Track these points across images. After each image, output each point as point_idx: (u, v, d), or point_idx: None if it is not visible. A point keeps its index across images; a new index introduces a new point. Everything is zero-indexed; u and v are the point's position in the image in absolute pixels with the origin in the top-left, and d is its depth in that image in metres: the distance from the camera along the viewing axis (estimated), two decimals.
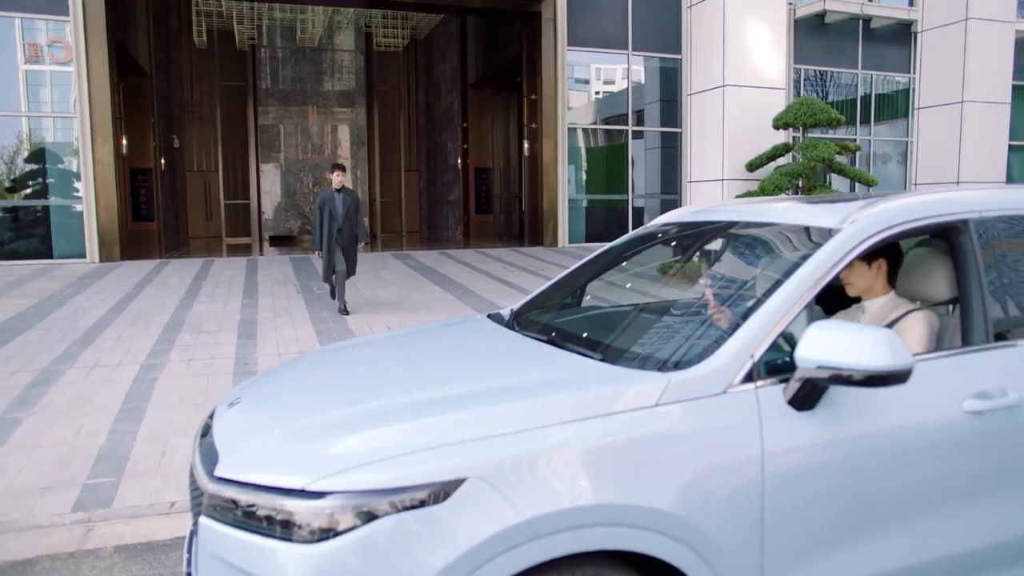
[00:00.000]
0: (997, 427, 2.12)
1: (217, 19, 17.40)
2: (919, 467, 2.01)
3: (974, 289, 2.26)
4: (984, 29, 12.62)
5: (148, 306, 8.84)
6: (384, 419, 1.84)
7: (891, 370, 1.77)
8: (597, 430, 1.74)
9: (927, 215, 2.26)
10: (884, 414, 1.98)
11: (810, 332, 1.85)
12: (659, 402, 1.81)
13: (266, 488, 1.71)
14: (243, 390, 2.44)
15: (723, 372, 1.87)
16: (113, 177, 12.81)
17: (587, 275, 3.11)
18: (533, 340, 2.39)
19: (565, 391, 1.86)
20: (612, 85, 16.25)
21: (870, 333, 1.80)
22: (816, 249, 2.11)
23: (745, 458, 1.81)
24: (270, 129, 21.19)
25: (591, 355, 2.14)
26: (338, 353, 2.69)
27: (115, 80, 13.39)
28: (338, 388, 2.19)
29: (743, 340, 1.91)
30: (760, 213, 2.63)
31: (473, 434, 1.71)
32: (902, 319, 2.45)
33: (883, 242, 2.18)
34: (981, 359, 2.19)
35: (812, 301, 2.01)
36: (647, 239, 3.07)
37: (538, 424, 1.73)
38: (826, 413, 1.91)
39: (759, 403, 1.87)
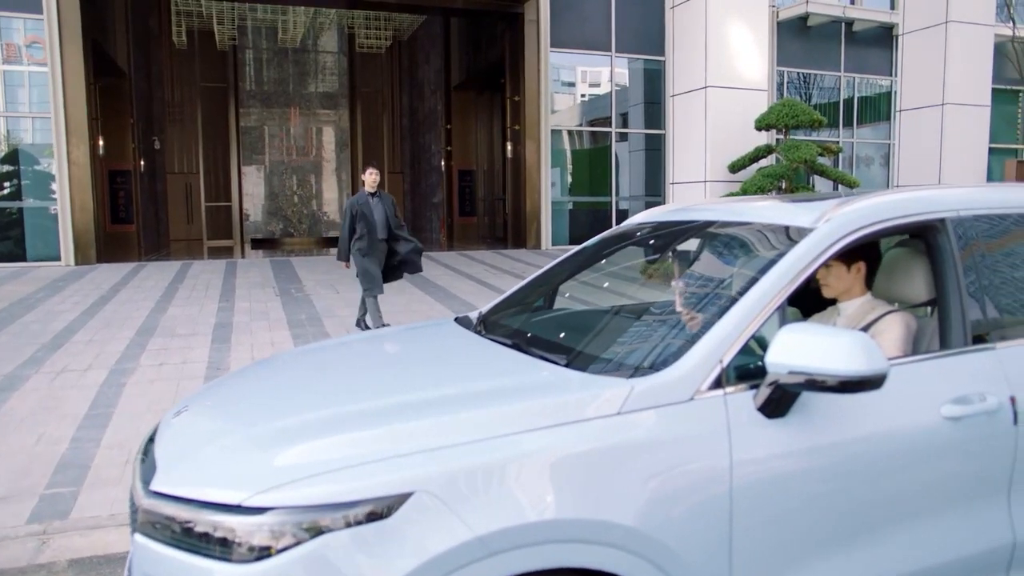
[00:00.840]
0: (976, 433, 2.04)
1: (197, 19, 17.19)
2: (895, 476, 1.93)
3: (952, 290, 2.19)
4: (964, 32, 12.68)
5: (122, 310, 8.66)
6: (333, 429, 1.73)
7: (865, 375, 1.68)
8: (556, 440, 1.65)
9: (903, 214, 2.19)
10: (859, 421, 1.90)
11: (781, 336, 1.77)
12: (622, 410, 1.71)
13: (203, 504, 1.60)
14: (193, 398, 2.33)
15: (690, 378, 1.78)
16: (89, 178, 12.59)
17: (559, 277, 3.02)
18: (497, 345, 2.29)
19: (523, 399, 1.76)
20: (595, 87, 16.20)
21: (844, 337, 1.72)
22: (790, 248, 2.03)
23: (713, 468, 1.72)
24: (252, 131, 20.99)
25: (555, 360, 2.05)
26: (296, 359, 2.58)
27: (91, 80, 13.17)
28: (290, 396, 2.08)
29: (711, 344, 1.82)
30: (738, 212, 2.55)
31: (423, 444, 1.61)
32: (879, 321, 2.38)
33: (859, 241, 2.10)
34: (959, 363, 2.12)
35: (785, 303, 1.93)
36: (621, 239, 2.99)
37: (493, 434, 1.63)
38: (798, 420, 1.82)
39: (728, 410, 1.78)
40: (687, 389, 1.77)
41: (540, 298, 3.01)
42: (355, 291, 10.05)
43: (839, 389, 1.69)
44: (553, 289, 2.98)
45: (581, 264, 3.03)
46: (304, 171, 21.57)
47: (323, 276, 11.42)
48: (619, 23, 15.06)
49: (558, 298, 2.91)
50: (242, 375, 2.50)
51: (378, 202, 7.32)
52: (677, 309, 2.28)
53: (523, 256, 13.86)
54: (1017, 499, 2.10)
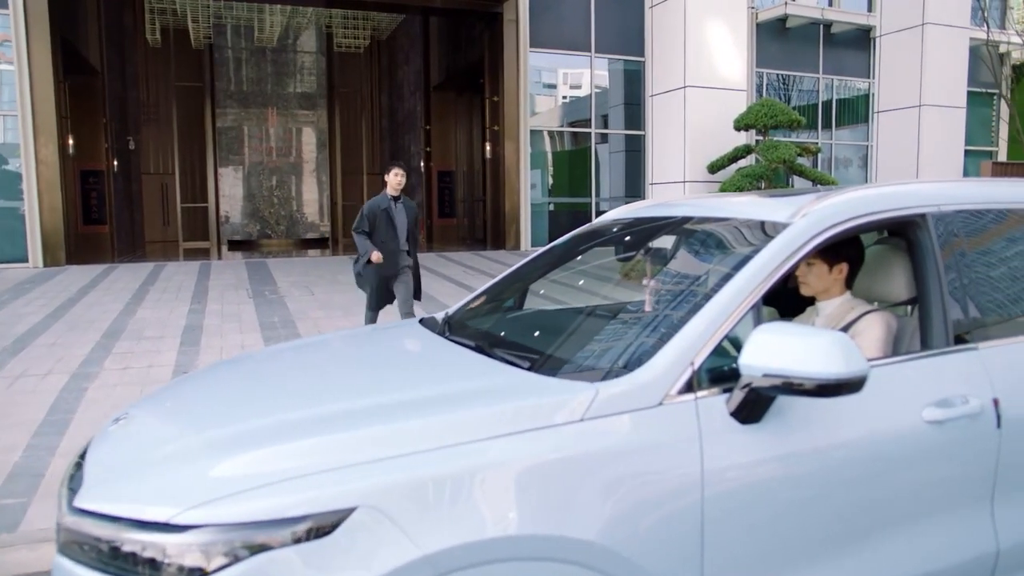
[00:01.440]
0: (958, 438, 1.95)
1: (171, 17, 16.89)
2: (875, 484, 1.84)
3: (933, 289, 2.10)
4: (940, 34, 12.75)
5: (89, 312, 8.43)
6: (276, 437, 1.60)
7: (844, 378, 1.58)
8: (514, 450, 1.53)
9: (883, 208, 2.10)
10: (837, 426, 1.80)
11: (755, 336, 1.66)
12: (585, 416, 1.60)
13: (130, 521, 1.47)
14: (136, 404, 2.18)
15: (658, 382, 1.67)
16: (58, 178, 12.31)
17: (529, 276, 2.90)
18: (459, 347, 2.17)
19: (480, 405, 1.64)
20: (575, 88, 16.14)
21: (821, 337, 1.62)
22: (765, 244, 1.93)
23: (683, 478, 1.61)
24: (229, 131, 20.67)
25: (518, 363, 1.93)
26: (250, 362, 2.45)
27: (61, 78, 12.89)
28: (236, 402, 1.95)
29: (681, 346, 1.71)
30: (715, 207, 2.44)
31: (370, 455, 1.49)
32: (858, 321, 2.29)
33: (837, 237, 2.01)
34: (941, 364, 2.03)
35: (760, 301, 1.83)
36: (595, 236, 2.88)
37: (445, 443, 1.51)
38: (773, 426, 1.72)
39: (699, 416, 1.67)
40: (656, 393, 1.66)
41: (510, 298, 2.89)
42: (330, 292, 9.90)
43: (817, 393, 1.59)
44: (523, 288, 2.86)
45: (552, 262, 2.92)
46: (282, 172, 21.26)
47: (298, 278, 11.23)
48: (599, 23, 15.01)
49: (528, 298, 2.79)
50: (192, 379, 2.36)
51: (402, 208, 6.23)
52: (647, 309, 2.17)
53: (502, 257, 13.74)
54: (1001, 506, 2.01)
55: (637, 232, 2.67)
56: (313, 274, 11.68)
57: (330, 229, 21.84)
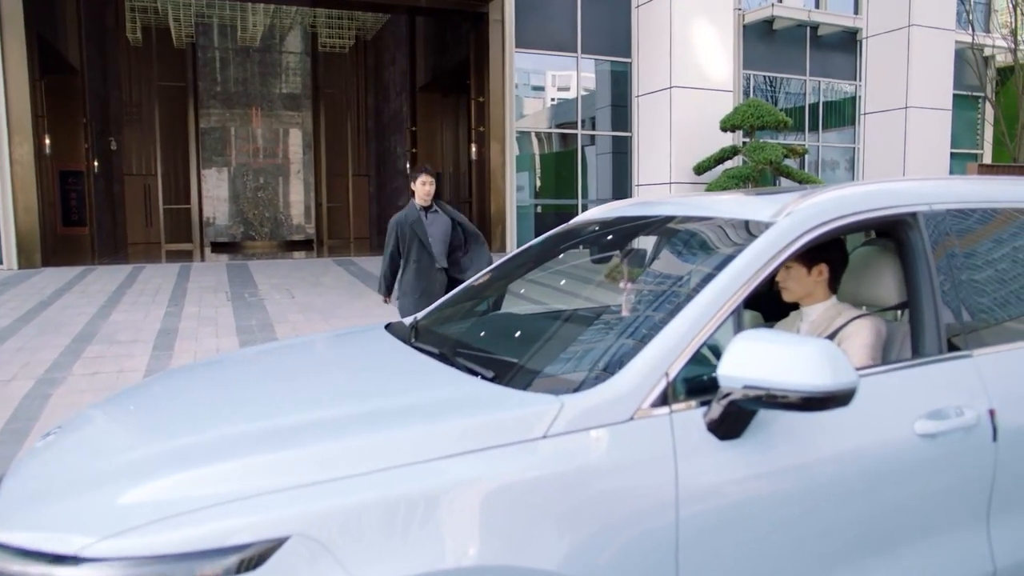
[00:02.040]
0: (953, 451, 1.82)
1: (153, 15, 16.65)
2: (865, 502, 1.70)
3: (925, 292, 1.98)
4: (925, 36, 12.73)
5: (61, 315, 8.22)
6: (208, 456, 1.45)
7: (831, 390, 1.45)
8: (468, 471, 1.39)
9: (871, 207, 1.97)
10: (823, 441, 1.67)
11: (735, 345, 1.53)
12: (548, 433, 1.46)
13: (33, 554, 1.31)
14: (72, 418, 2.02)
15: (629, 394, 1.53)
16: (34, 178, 12.05)
17: (503, 278, 2.76)
18: (421, 355, 2.02)
19: (433, 421, 1.49)
20: (562, 89, 16.02)
21: (806, 346, 1.48)
22: (746, 245, 1.80)
23: (655, 500, 1.47)
24: (212, 132, 20.42)
25: (482, 373, 1.79)
26: (198, 371, 2.29)
27: (37, 76, 12.64)
28: (172, 416, 1.79)
29: (654, 355, 1.58)
30: (699, 206, 2.29)
31: (309, 476, 1.34)
32: (845, 327, 2.16)
33: (824, 237, 1.88)
34: (933, 372, 1.90)
35: (740, 306, 1.69)
36: (571, 236, 2.74)
37: (392, 463, 1.37)
38: (755, 442, 1.58)
39: (674, 432, 1.53)
40: (626, 407, 1.52)
41: (482, 301, 2.75)
42: (310, 295, 9.71)
43: (802, 407, 1.46)
44: (496, 291, 2.72)
45: (528, 264, 2.78)
46: (266, 173, 21.03)
47: (280, 280, 11.04)
48: (585, 24, 14.90)
49: (501, 301, 2.65)
50: (134, 391, 2.20)
51: (436, 219, 5.30)
52: (623, 314, 2.03)
53: None
54: (997, 524, 1.89)
55: (613, 232, 2.54)
56: (294, 276, 11.49)
57: (315, 231, 21.62)
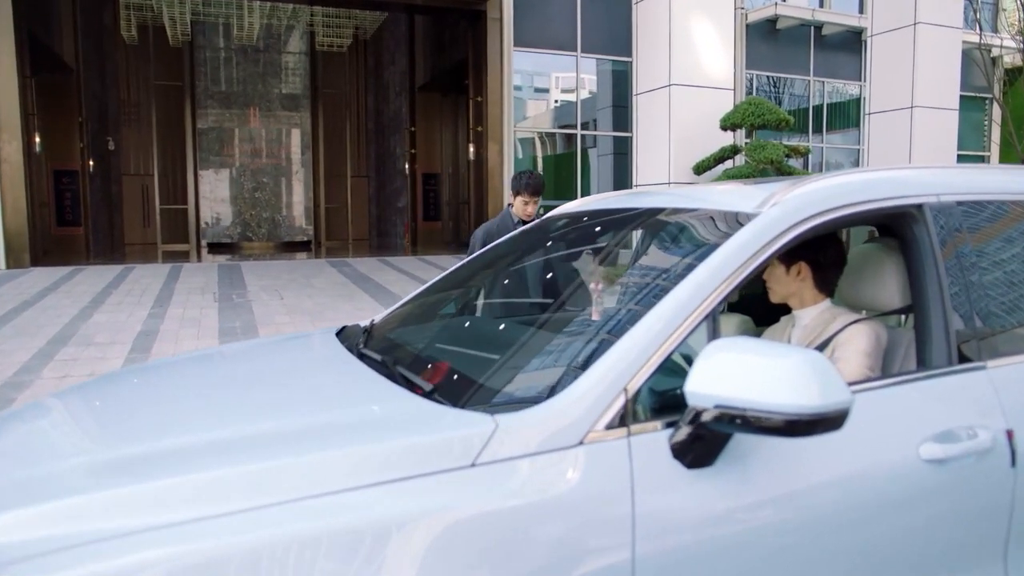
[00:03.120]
0: (965, 479, 1.57)
1: (148, 13, 16.45)
2: (862, 541, 1.46)
3: (932, 294, 1.73)
4: (932, 34, 12.45)
5: (41, 316, 8.00)
6: (60, 489, 1.21)
7: (819, 412, 1.20)
8: (372, 507, 1.14)
9: (870, 198, 1.72)
10: (811, 469, 1.42)
11: (705, 356, 1.28)
12: (477, 461, 1.22)
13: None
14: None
15: (579, 413, 1.29)
16: (22, 177, 11.86)
17: (475, 277, 2.52)
18: (361, 365, 1.78)
19: (338, 444, 1.25)
20: (561, 88, 15.79)
21: (791, 357, 1.24)
22: (725, 240, 1.55)
23: (607, 543, 1.23)
24: (209, 132, 20.23)
25: (421, 385, 1.54)
26: (116, 381, 2.05)
27: (26, 74, 12.46)
28: (51, 439, 1.55)
29: (611, 367, 1.33)
30: (691, 197, 2.04)
31: (174, 515, 1.10)
32: (841, 333, 1.91)
33: (816, 231, 1.63)
34: (942, 387, 1.66)
35: (717, 310, 1.45)
36: (544, 231, 2.50)
37: (279, 498, 1.12)
38: (730, 470, 1.34)
39: (632, 459, 1.29)
40: (574, 429, 1.28)
41: (448, 302, 2.51)
42: (300, 297, 9.48)
43: (784, 431, 1.21)
44: (462, 292, 2.48)
45: (500, 261, 2.54)
46: (264, 174, 20.83)
47: (270, 281, 10.82)
48: (585, 22, 14.66)
49: (466, 302, 2.41)
50: (39, 405, 1.96)
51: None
52: (593, 318, 1.79)
53: None
54: (1016, 561, 1.64)
55: (585, 228, 2.29)
56: (286, 277, 11.27)
57: (313, 232, 21.42)
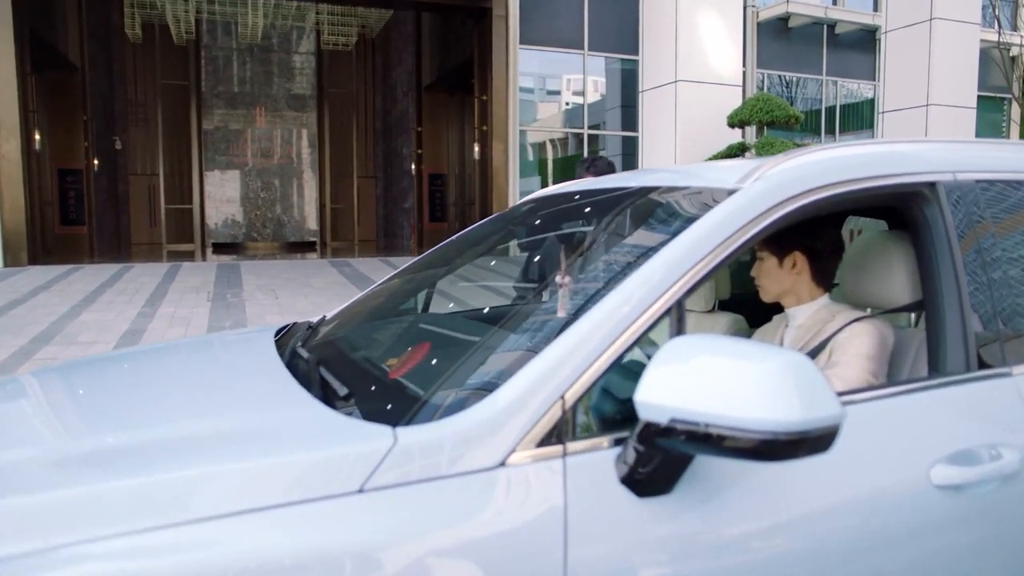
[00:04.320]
0: (985, 509, 1.30)
1: (152, 12, 16.35)
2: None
3: (946, 289, 1.47)
4: (949, 29, 12.07)
5: (29, 315, 7.83)
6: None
7: (801, 430, 0.95)
8: (228, 544, 0.89)
9: (873, 174, 1.46)
10: (796, 498, 1.16)
11: (660, 358, 1.03)
12: (366, 486, 0.97)
13: None
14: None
15: (501, 427, 1.04)
16: (21, 175, 11.73)
17: (434, 269, 2.28)
18: (277, 368, 1.53)
19: (204, 462, 1.00)
20: (567, 88, 15.54)
21: (767, 361, 0.98)
22: (693, 221, 1.29)
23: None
24: (215, 131, 20.13)
25: (337, 390, 1.30)
26: (29, 383, 1.81)
27: (27, 71, 12.35)
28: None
29: (546, 370, 1.08)
30: (661, 177, 1.77)
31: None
32: (839, 333, 1.65)
33: (806, 211, 1.37)
34: (959, 398, 1.39)
35: (678, 303, 1.19)
36: (511, 219, 2.26)
37: (115, 530, 0.88)
38: (692, 499, 1.08)
39: (567, 484, 1.03)
40: (495, 447, 1.03)
41: (403, 297, 2.26)
42: (295, 297, 9.27)
43: (757, 454, 0.96)
44: (419, 286, 2.23)
45: (465, 252, 2.29)
46: (269, 174, 20.71)
47: (267, 280, 10.63)
48: (593, 20, 14.40)
49: (419, 296, 2.16)
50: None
51: None
52: (552, 313, 1.54)
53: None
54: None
55: (552, 213, 2.03)
56: (284, 277, 11.08)
57: (319, 232, 21.27)
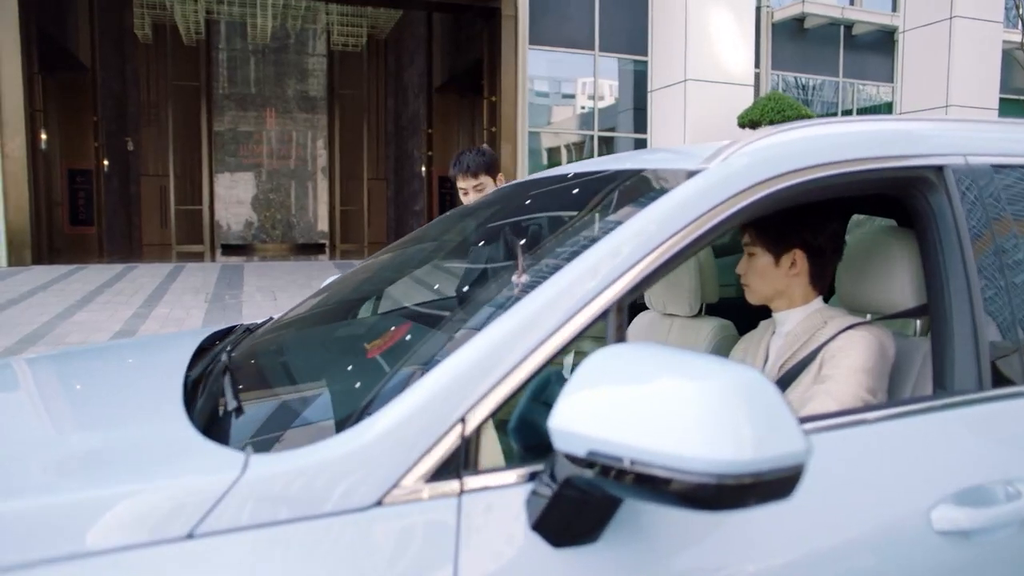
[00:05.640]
0: (1000, 559, 1.07)
1: (163, 12, 16.33)
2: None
3: (955, 291, 1.24)
4: (969, 28, 11.70)
5: (23, 314, 7.73)
6: None
7: (751, 471, 0.72)
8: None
9: (866, 155, 1.23)
10: (756, 549, 0.93)
11: (581, 374, 0.81)
12: (197, 530, 0.75)
13: None
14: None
15: (377, 458, 0.82)
16: (26, 174, 11.68)
17: (380, 273, 2.07)
18: (166, 382, 1.32)
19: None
20: (577, 89, 15.32)
21: (711, 378, 0.76)
22: (645, 206, 1.08)
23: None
24: (225, 133, 20.08)
25: (217, 409, 1.09)
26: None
27: (34, 70, 12.32)
28: None
29: (442, 387, 0.86)
30: (628, 160, 1.54)
31: None
32: (832, 341, 1.43)
33: (783, 199, 1.14)
34: (969, 422, 1.16)
35: (619, 303, 0.97)
36: (467, 214, 2.04)
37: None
38: (623, 552, 0.86)
39: (461, 530, 0.82)
40: (372, 480, 0.81)
41: (346, 303, 2.05)
42: (294, 298, 9.11)
43: (693, 501, 0.73)
44: (365, 287, 2.02)
45: (423, 245, 2.08)
46: (279, 175, 20.64)
47: (269, 282, 10.49)
48: (603, 20, 14.18)
49: (363, 299, 1.95)
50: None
51: None
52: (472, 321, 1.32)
53: None
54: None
55: (506, 204, 1.81)
56: (286, 279, 10.94)
57: (328, 234, 21.17)
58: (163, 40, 18.79)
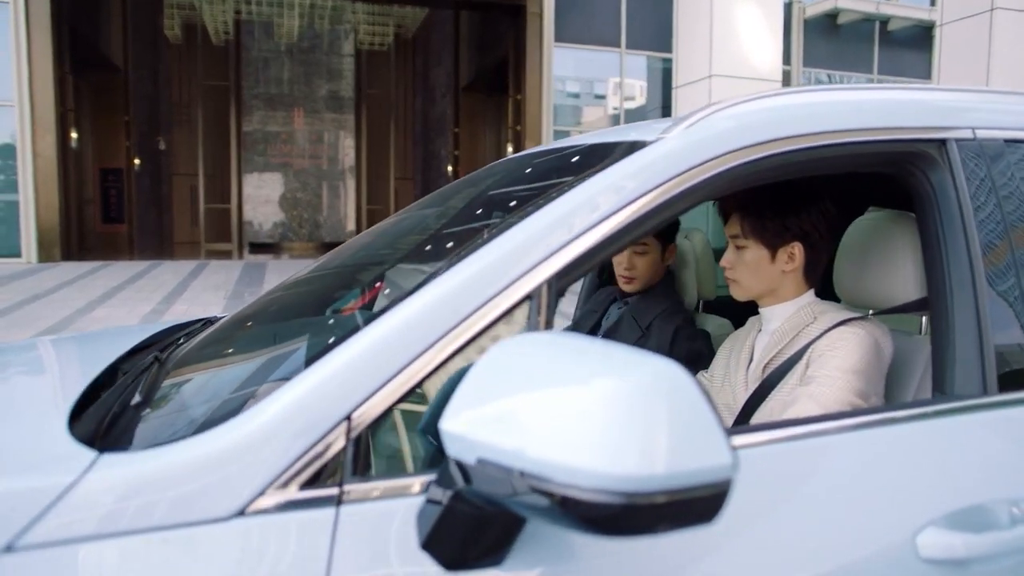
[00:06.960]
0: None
1: (192, 12, 16.52)
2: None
3: (957, 283, 1.09)
4: (1011, 21, 11.25)
5: (45, 310, 7.81)
6: None
7: (663, 488, 0.59)
8: None
9: (855, 126, 1.08)
10: (697, 574, 0.80)
11: (477, 371, 0.68)
12: (18, 542, 0.65)
13: None
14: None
15: (243, 460, 0.71)
16: (56, 172, 11.87)
17: (334, 269, 1.96)
18: (79, 376, 1.22)
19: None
20: (604, 87, 15.14)
21: (619, 375, 0.62)
22: (581, 181, 0.95)
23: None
24: (253, 132, 20.26)
25: (107, 406, 0.99)
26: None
27: (66, 70, 12.53)
28: None
29: (318, 383, 0.75)
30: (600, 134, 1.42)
31: None
32: (820, 339, 1.28)
33: (750, 174, 1.00)
34: (969, 430, 1.01)
35: (549, 290, 0.84)
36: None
37: None
38: (534, 573, 0.73)
39: (335, 548, 0.70)
40: (231, 489, 0.70)
41: (293, 298, 1.95)
42: None
43: (591, 523, 0.60)
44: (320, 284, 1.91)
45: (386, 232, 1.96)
46: (307, 174, 20.75)
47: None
48: (630, 17, 13.98)
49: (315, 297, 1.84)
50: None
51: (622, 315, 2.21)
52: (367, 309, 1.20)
53: None
54: None
55: (442, 195, 1.69)
56: None
57: (355, 233, 21.24)
58: (193, 40, 19.04)
